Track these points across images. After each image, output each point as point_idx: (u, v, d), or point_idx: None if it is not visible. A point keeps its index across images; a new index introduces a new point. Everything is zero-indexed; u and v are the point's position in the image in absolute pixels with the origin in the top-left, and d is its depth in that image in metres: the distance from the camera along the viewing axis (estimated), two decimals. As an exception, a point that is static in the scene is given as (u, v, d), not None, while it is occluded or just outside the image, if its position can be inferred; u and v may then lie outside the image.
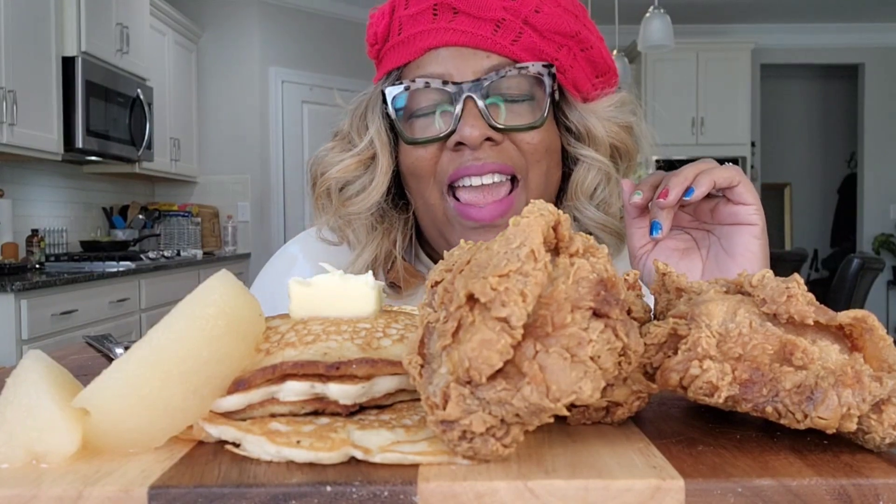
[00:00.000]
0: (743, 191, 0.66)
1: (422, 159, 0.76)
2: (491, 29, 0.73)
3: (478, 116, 0.72)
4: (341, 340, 0.45)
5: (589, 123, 0.77)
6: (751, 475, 0.36)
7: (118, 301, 3.32)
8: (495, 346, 0.35)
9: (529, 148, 0.75)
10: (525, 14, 0.74)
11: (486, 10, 0.73)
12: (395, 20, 0.78)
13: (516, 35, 0.73)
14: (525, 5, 0.74)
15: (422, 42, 0.75)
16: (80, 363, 0.71)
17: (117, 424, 0.39)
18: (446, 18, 0.74)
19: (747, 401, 0.41)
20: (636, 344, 0.39)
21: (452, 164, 0.74)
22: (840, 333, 0.43)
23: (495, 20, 0.73)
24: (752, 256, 0.67)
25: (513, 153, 0.75)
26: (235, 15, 4.94)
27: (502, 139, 0.74)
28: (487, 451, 0.37)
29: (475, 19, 0.73)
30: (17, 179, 3.52)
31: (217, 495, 0.35)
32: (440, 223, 0.79)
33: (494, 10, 0.73)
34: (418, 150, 0.76)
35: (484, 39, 0.73)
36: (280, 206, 5.10)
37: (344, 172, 0.79)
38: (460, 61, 0.74)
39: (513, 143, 0.74)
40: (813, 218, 7.61)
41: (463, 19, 0.74)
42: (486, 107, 0.72)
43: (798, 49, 6.43)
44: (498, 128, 0.73)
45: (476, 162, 0.73)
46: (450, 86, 0.73)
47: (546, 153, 0.76)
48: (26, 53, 3.07)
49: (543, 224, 0.39)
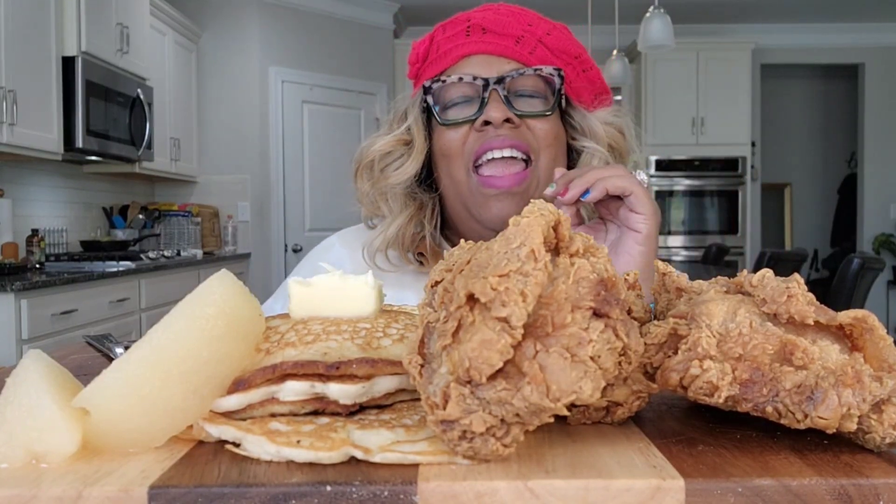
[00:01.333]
0: (635, 200, 0.79)
1: (452, 140, 0.91)
2: (513, 42, 0.91)
3: (500, 102, 0.88)
4: (341, 340, 0.45)
5: (591, 122, 0.93)
6: (751, 475, 0.36)
7: (118, 301, 3.32)
8: (495, 346, 0.35)
9: (541, 133, 0.90)
10: (539, 35, 0.92)
11: (509, 28, 0.92)
12: (434, 44, 0.96)
13: (532, 48, 0.91)
14: (539, 28, 0.93)
15: (457, 52, 0.93)
16: (80, 363, 0.71)
17: (117, 424, 0.39)
18: (477, 35, 0.92)
19: (747, 401, 0.41)
20: (636, 344, 0.39)
21: (478, 142, 0.89)
22: (840, 333, 0.43)
23: (516, 36, 0.91)
24: (631, 259, 0.80)
25: (528, 136, 0.89)
26: (235, 15, 4.94)
27: (520, 123, 0.89)
28: (487, 451, 0.37)
29: (500, 35, 0.92)
30: (17, 179, 3.52)
31: (217, 495, 0.35)
32: (465, 196, 0.92)
33: (515, 29, 0.92)
34: (450, 131, 0.91)
35: (507, 49, 0.91)
36: (280, 206, 5.10)
37: (384, 147, 0.93)
38: (487, 65, 0.91)
39: (528, 128, 0.90)
40: (813, 218, 7.61)
41: (491, 36, 0.92)
42: (507, 97, 0.88)
43: (798, 49, 6.43)
44: (517, 112, 0.88)
45: (497, 138, 0.87)
46: (478, 80, 0.89)
47: (555, 140, 0.91)
48: (26, 53, 3.07)
49: (543, 224, 0.39)
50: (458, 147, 0.90)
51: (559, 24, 0.96)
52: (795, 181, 7.60)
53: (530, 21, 0.93)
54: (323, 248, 1.04)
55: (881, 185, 6.49)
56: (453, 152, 0.90)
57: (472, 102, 0.90)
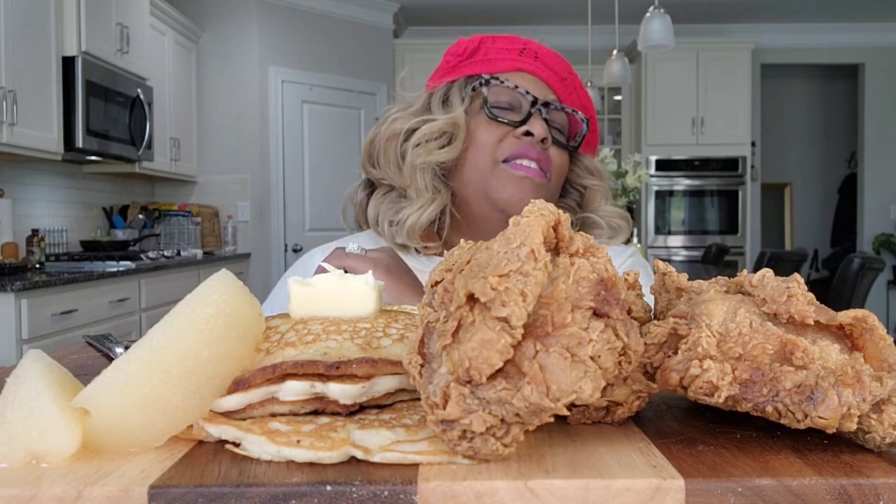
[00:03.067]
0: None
1: (492, 134, 0.98)
2: (559, 79, 1.03)
3: (543, 122, 0.98)
4: (341, 340, 0.45)
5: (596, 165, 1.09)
6: (751, 475, 0.36)
7: (118, 301, 3.32)
8: (495, 346, 0.35)
9: (557, 162, 1.01)
10: (577, 84, 1.06)
11: (558, 66, 1.04)
12: (482, 48, 1.04)
13: (572, 91, 1.05)
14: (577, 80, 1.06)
15: (510, 64, 1.02)
16: (80, 363, 0.71)
17: (117, 424, 0.39)
18: (530, 58, 1.03)
19: (747, 400, 0.41)
20: (636, 343, 0.39)
21: (514, 146, 0.97)
22: (840, 333, 0.43)
23: (562, 76, 1.04)
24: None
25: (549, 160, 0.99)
26: (235, 14, 4.93)
27: (549, 146, 0.99)
28: (487, 451, 0.37)
29: (550, 68, 1.03)
30: (17, 179, 3.52)
31: (217, 495, 0.35)
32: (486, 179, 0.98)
33: (561, 70, 1.04)
34: (492, 127, 0.98)
35: (554, 82, 1.03)
36: (280, 206, 5.10)
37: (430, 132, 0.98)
38: (536, 87, 1.01)
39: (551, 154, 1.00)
40: (813, 218, 7.61)
41: (542, 64, 1.02)
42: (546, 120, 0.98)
43: (798, 49, 6.43)
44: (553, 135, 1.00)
45: (534, 149, 0.97)
46: (530, 96, 0.99)
47: (563, 174, 1.04)
48: (26, 53, 3.07)
49: (543, 224, 0.39)
50: (494, 143, 0.97)
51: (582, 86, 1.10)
52: (795, 181, 7.60)
53: (570, 70, 1.06)
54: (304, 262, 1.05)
55: (881, 184, 6.49)
56: (488, 146, 0.98)
57: (516, 111, 0.99)
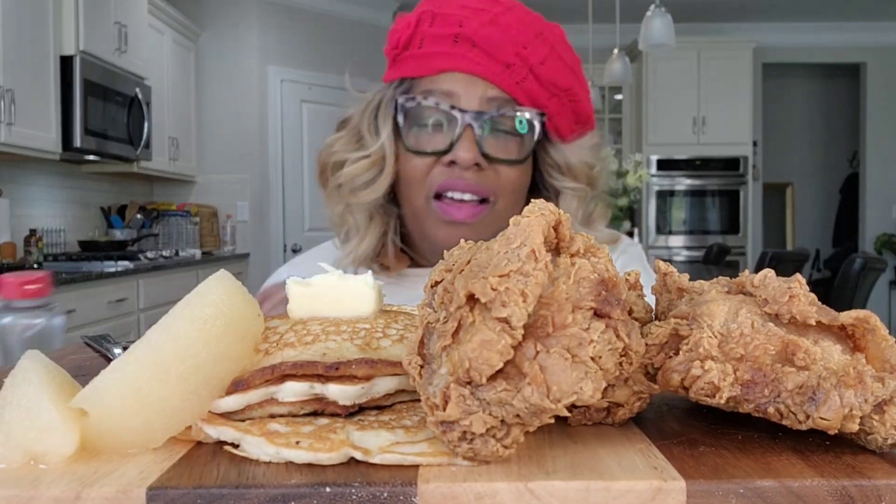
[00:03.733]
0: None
1: (417, 167, 0.87)
2: (501, 68, 0.84)
3: (473, 142, 0.83)
4: (341, 341, 0.45)
5: (568, 158, 0.90)
6: (752, 476, 0.36)
7: (116, 301, 3.32)
8: (495, 347, 0.35)
9: (507, 179, 0.87)
10: (532, 63, 0.85)
11: (500, 51, 0.84)
12: (418, 34, 0.88)
13: (521, 78, 0.85)
14: (533, 55, 0.85)
15: (440, 63, 0.86)
16: (78, 363, 0.71)
17: (115, 425, 0.39)
18: (465, 48, 0.85)
19: (749, 401, 0.40)
20: (637, 344, 0.39)
21: (442, 176, 0.85)
22: (842, 334, 0.43)
23: (506, 62, 0.84)
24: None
25: (492, 180, 0.86)
26: (234, 14, 4.93)
27: (487, 167, 0.85)
28: (488, 452, 0.37)
29: (490, 56, 0.84)
30: (16, 179, 3.52)
31: (216, 496, 0.35)
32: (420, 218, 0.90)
33: (507, 54, 0.84)
34: (416, 158, 0.87)
35: (494, 74, 0.84)
36: (279, 206, 5.10)
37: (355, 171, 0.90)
38: (470, 86, 0.84)
39: (494, 171, 0.86)
40: (815, 218, 7.61)
41: (479, 53, 0.84)
42: (482, 136, 0.84)
43: (800, 48, 6.42)
44: (488, 156, 0.84)
45: (462, 180, 0.84)
46: (455, 111, 0.83)
47: (520, 187, 0.89)
48: (24, 52, 3.07)
49: (544, 224, 0.39)
50: (422, 176, 0.86)
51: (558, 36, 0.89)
52: (797, 181, 7.60)
53: (527, 42, 0.85)
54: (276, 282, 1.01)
55: (883, 184, 6.49)
56: (416, 180, 0.87)
57: (444, 133, 0.85)
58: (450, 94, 0.84)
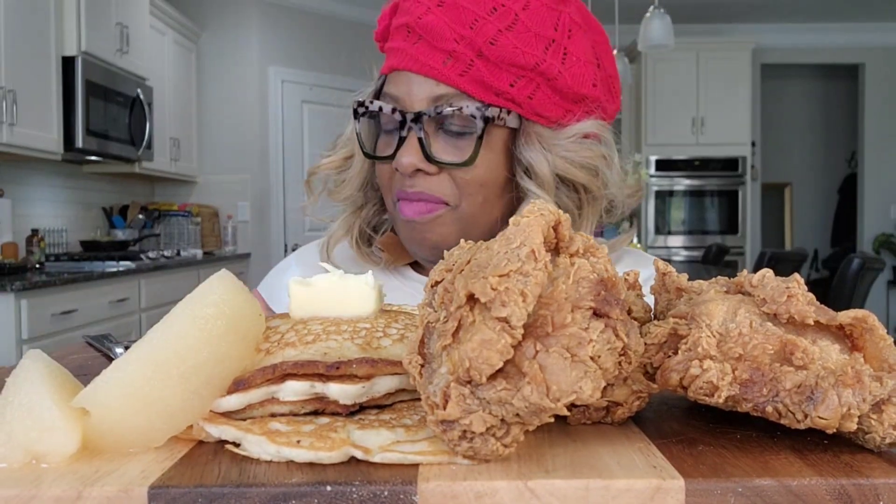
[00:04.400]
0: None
1: (381, 172, 0.82)
2: (443, 59, 0.75)
3: (415, 147, 0.75)
4: (341, 340, 0.45)
5: (533, 158, 0.77)
6: (751, 475, 0.36)
7: (118, 301, 3.32)
8: (495, 346, 0.35)
9: (462, 182, 0.77)
10: (479, 46, 0.74)
11: (441, 39, 0.74)
12: (391, 25, 0.82)
13: (465, 67, 0.74)
14: (481, 35, 0.74)
15: (391, 60, 0.80)
16: (79, 363, 0.71)
17: (117, 424, 0.39)
18: (411, 41, 0.77)
19: (747, 401, 0.41)
20: (636, 344, 0.39)
21: (398, 183, 0.79)
22: (840, 333, 0.43)
23: (447, 51, 0.75)
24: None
25: (446, 184, 0.78)
26: (235, 14, 4.93)
27: (436, 171, 0.77)
28: (487, 451, 0.37)
29: (431, 48, 0.75)
30: (17, 179, 3.52)
31: (217, 495, 0.35)
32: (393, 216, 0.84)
33: (447, 42, 0.74)
34: (378, 164, 0.82)
35: (433, 69, 0.75)
36: (280, 206, 5.10)
37: (328, 168, 0.88)
38: (414, 87, 0.76)
39: (448, 175, 0.77)
40: (813, 218, 7.61)
41: (422, 46, 0.76)
42: (425, 138, 0.75)
43: (799, 49, 6.42)
44: (431, 159, 0.76)
45: (410, 189, 0.78)
46: (397, 113, 0.77)
47: (481, 187, 0.78)
48: (26, 53, 3.07)
49: (543, 224, 0.39)
50: (387, 181, 0.81)
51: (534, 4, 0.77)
52: (796, 181, 7.60)
53: (475, 18, 0.74)
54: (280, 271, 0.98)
55: (881, 184, 6.49)
56: (383, 185, 0.82)
57: (394, 136, 0.78)
58: (397, 96, 0.78)
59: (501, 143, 0.78)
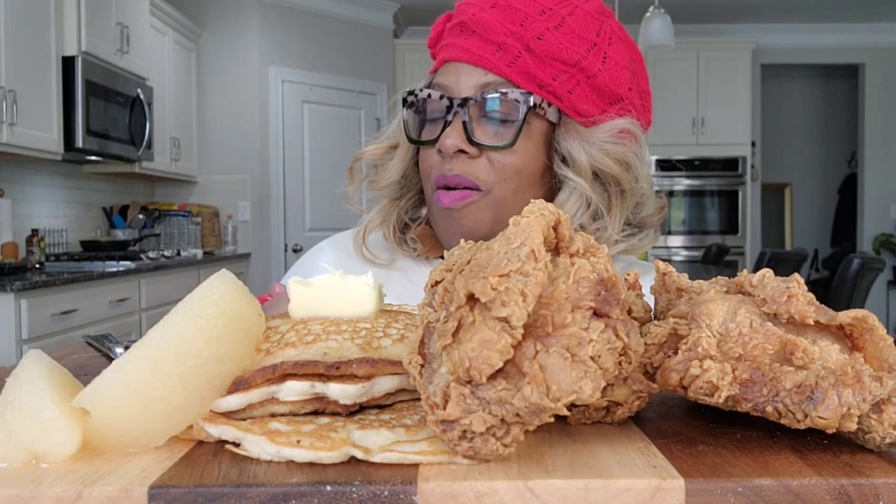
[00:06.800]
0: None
1: (425, 160, 0.87)
2: (493, 50, 0.82)
3: (460, 130, 0.81)
4: (341, 340, 0.45)
5: (573, 148, 0.82)
6: (751, 475, 0.36)
7: (118, 301, 3.32)
8: (495, 346, 0.35)
9: (500, 166, 0.82)
10: (527, 40, 0.81)
11: (493, 33, 0.82)
12: (445, 29, 0.90)
13: (513, 59, 0.81)
14: (530, 31, 0.81)
15: (444, 53, 0.86)
16: (80, 363, 0.71)
17: (117, 424, 0.39)
18: (465, 36, 0.84)
19: (747, 400, 0.41)
20: (636, 344, 0.39)
21: (438, 168, 0.84)
22: (840, 333, 0.43)
23: (498, 43, 0.82)
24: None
25: (483, 168, 0.83)
26: (235, 14, 4.93)
27: (478, 154, 0.82)
28: (488, 451, 0.37)
29: (483, 40, 0.83)
30: (17, 179, 3.52)
31: (217, 495, 0.35)
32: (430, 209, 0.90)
33: (498, 35, 0.82)
34: (423, 151, 0.87)
35: (482, 59, 0.82)
36: (280, 206, 5.10)
37: (372, 155, 0.92)
38: (462, 75, 0.83)
39: (487, 159, 0.83)
40: (813, 218, 7.61)
41: (475, 39, 0.83)
42: (469, 122, 0.81)
43: (798, 49, 6.42)
44: (474, 142, 0.81)
45: (449, 172, 0.83)
46: (444, 100, 0.83)
47: (516, 174, 0.83)
48: (26, 53, 3.07)
49: (544, 224, 0.39)
50: (428, 169, 0.85)
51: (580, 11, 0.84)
52: (796, 181, 7.60)
53: (525, 17, 0.82)
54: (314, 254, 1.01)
55: (881, 184, 6.48)
56: (425, 173, 0.87)
57: (440, 122, 0.83)
58: (445, 85, 0.84)
59: (540, 135, 0.83)
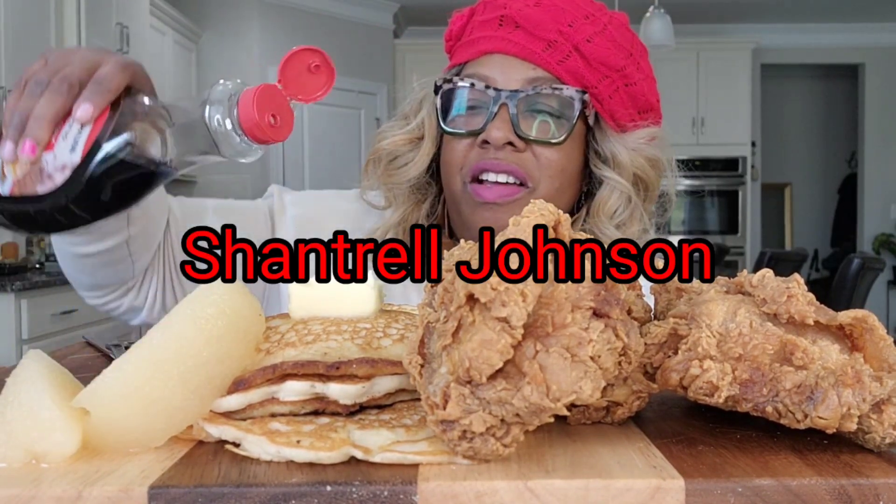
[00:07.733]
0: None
1: (455, 150, 0.84)
2: (543, 46, 0.82)
3: (507, 121, 0.80)
4: (341, 340, 0.45)
5: (616, 150, 0.84)
6: (751, 475, 0.36)
7: (118, 301, 3.32)
8: (495, 346, 0.35)
9: (546, 162, 0.82)
10: (577, 41, 0.82)
11: (543, 30, 0.82)
12: (471, 23, 0.88)
13: (564, 56, 0.82)
14: (579, 33, 0.82)
15: (482, 45, 0.84)
16: (80, 363, 0.71)
17: (117, 424, 0.39)
18: (508, 30, 0.83)
19: (747, 401, 0.41)
20: (636, 344, 0.39)
21: (478, 158, 0.82)
22: (840, 333, 0.43)
23: (548, 40, 0.82)
24: None
25: (530, 163, 0.82)
26: (235, 15, 4.93)
27: (524, 147, 0.81)
28: (487, 451, 0.37)
29: (531, 36, 0.82)
30: (17, 179, 3.52)
31: (217, 495, 0.35)
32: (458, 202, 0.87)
33: (549, 32, 0.82)
34: (453, 141, 0.85)
35: (533, 54, 0.82)
36: (280, 206, 5.10)
37: (393, 146, 0.89)
38: (508, 68, 0.82)
39: (533, 154, 0.82)
40: (813, 218, 7.61)
41: (521, 33, 0.82)
42: (516, 115, 0.80)
43: (798, 49, 6.42)
44: (521, 136, 0.81)
45: (495, 161, 0.81)
46: (490, 90, 0.81)
47: (561, 172, 0.83)
48: (26, 53, 3.07)
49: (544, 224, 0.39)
50: (459, 160, 0.84)
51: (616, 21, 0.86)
52: (795, 181, 7.60)
53: (573, 20, 0.83)
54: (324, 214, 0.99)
55: (881, 184, 6.49)
56: (454, 164, 0.85)
57: (481, 112, 0.82)
58: (488, 76, 0.83)
59: (580, 135, 0.84)
